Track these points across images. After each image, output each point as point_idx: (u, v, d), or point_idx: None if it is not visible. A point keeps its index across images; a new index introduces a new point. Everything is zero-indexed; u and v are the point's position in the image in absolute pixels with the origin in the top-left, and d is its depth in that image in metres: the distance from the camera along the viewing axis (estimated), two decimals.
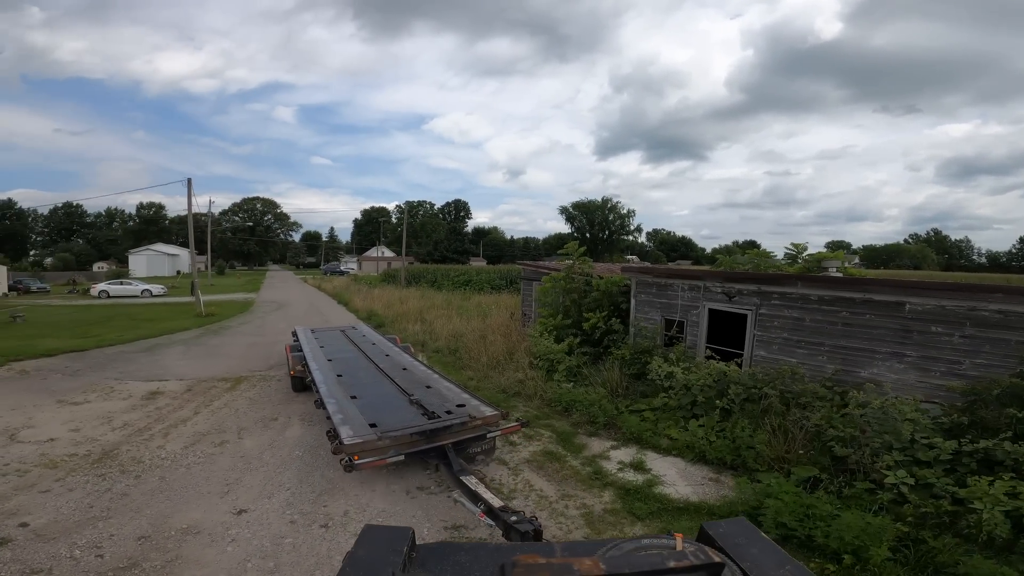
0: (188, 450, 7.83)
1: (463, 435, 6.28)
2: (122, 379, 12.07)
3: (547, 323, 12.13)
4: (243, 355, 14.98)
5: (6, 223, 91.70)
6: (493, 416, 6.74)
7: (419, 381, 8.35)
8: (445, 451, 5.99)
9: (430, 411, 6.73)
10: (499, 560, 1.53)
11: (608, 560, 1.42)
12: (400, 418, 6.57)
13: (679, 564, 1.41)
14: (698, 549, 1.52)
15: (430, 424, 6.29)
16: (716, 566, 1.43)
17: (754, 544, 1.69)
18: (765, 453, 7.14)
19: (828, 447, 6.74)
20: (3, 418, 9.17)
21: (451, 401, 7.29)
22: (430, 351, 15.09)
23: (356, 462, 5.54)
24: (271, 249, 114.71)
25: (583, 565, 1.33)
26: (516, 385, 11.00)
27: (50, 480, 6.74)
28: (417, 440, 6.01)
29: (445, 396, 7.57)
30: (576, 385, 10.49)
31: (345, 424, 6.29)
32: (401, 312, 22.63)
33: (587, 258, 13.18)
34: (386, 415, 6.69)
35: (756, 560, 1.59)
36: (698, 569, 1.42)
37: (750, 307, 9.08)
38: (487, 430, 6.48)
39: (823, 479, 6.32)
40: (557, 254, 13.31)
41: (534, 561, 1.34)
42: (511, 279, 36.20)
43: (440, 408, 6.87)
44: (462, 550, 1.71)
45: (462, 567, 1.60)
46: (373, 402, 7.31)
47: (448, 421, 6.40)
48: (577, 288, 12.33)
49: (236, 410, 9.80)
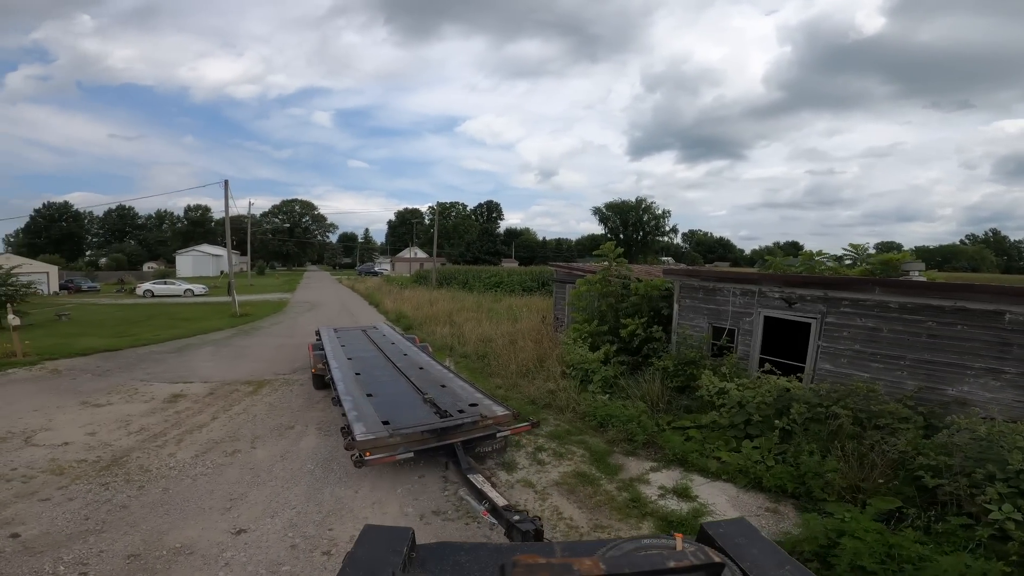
0: (198, 459, 7.45)
1: (473, 434, 6.25)
2: (148, 380, 11.95)
3: (581, 329, 11.29)
4: (270, 357, 14.75)
5: (63, 225, 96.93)
6: (504, 416, 6.67)
7: (434, 380, 8.33)
8: (455, 449, 5.97)
9: (442, 410, 6.70)
10: (499, 560, 1.53)
11: (608, 560, 1.40)
12: (413, 416, 6.57)
13: (679, 564, 1.40)
14: (698, 549, 1.51)
15: (441, 423, 6.28)
16: (716, 566, 1.42)
17: (754, 544, 1.66)
18: (836, 481, 6.18)
19: (915, 476, 5.76)
20: (23, 419, 9.05)
21: (464, 400, 7.25)
22: (457, 356, 14.47)
23: (366, 458, 5.65)
24: (309, 250, 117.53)
25: (583, 565, 1.31)
26: (547, 396, 10.21)
27: (53, 488, 6.48)
28: (428, 438, 6.03)
29: (458, 395, 7.54)
30: (612, 398, 9.63)
31: (359, 421, 6.34)
32: (430, 314, 22.17)
33: (624, 260, 12.27)
34: (399, 413, 6.70)
35: (756, 560, 1.57)
36: (698, 569, 1.41)
37: (814, 315, 8.02)
38: (497, 429, 6.42)
39: (909, 513, 5.43)
40: (592, 255, 12.43)
41: (534, 561, 1.32)
42: (543, 281, 35.32)
43: (452, 407, 6.83)
44: (462, 550, 1.69)
45: (462, 567, 1.59)
46: (388, 400, 7.34)
47: (459, 420, 6.37)
48: (614, 292, 11.44)
49: (254, 416, 9.41)
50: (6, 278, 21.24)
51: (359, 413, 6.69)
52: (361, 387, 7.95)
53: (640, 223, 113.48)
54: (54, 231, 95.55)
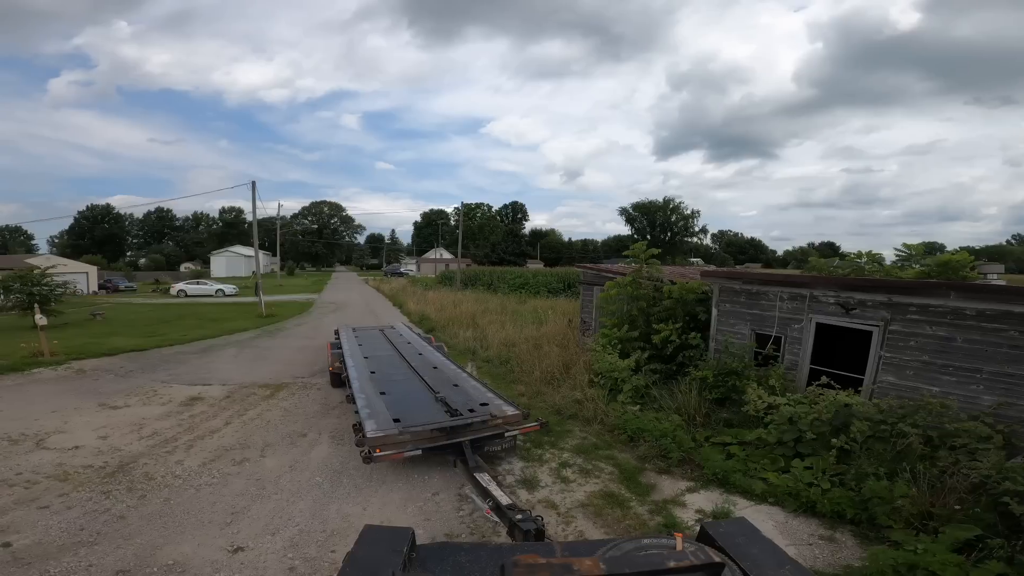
0: (205, 468, 7.14)
1: (482, 433, 6.24)
2: (168, 382, 11.83)
3: (610, 335, 10.60)
4: (290, 359, 14.54)
5: (105, 226, 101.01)
6: (514, 416, 6.64)
7: (447, 380, 8.35)
8: (463, 448, 5.96)
9: (453, 409, 6.70)
10: (499, 560, 1.53)
11: (608, 560, 1.39)
12: (424, 414, 6.60)
13: (679, 564, 1.39)
14: (698, 549, 1.52)
15: (451, 421, 6.29)
16: (716, 566, 1.41)
17: (754, 544, 1.66)
18: (904, 507, 5.43)
19: (998, 502, 5.00)
20: (39, 421, 8.94)
21: (475, 400, 7.23)
22: (480, 360, 13.94)
23: (375, 455, 5.71)
24: (337, 251, 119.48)
25: (583, 565, 1.32)
26: (573, 406, 9.58)
27: (54, 495, 6.27)
28: (437, 436, 6.05)
29: (470, 395, 7.52)
30: (643, 409, 8.94)
31: (371, 418, 6.39)
32: (453, 316, 21.75)
33: (656, 261, 11.54)
34: (411, 411, 6.73)
35: (756, 560, 1.56)
36: (698, 569, 1.39)
37: (876, 322, 7.17)
38: (506, 429, 6.40)
39: (991, 544, 4.71)
40: (623, 256, 11.72)
41: (534, 561, 1.32)
42: (569, 282, 34.56)
43: (463, 406, 6.83)
44: (462, 550, 1.70)
45: (462, 567, 1.59)
46: (400, 398, 7.38)
47: (469, 419, 6.36)
48: (645, 295, 10.72)
49: (268, 422, 9.08)
50: (40, 278, 21.77)
51: (371, 410, 6.72)
52: (375, 385, 7.99)
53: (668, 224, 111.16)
54: (97, 232, 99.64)
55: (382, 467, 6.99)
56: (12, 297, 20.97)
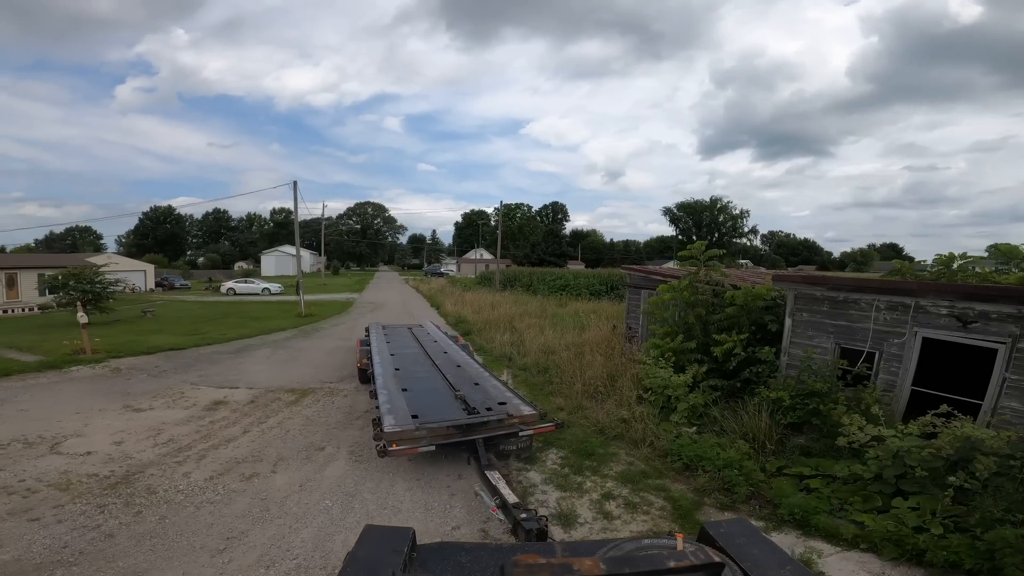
0: (211, 482, 6.58)
1: (496, 431, 6.22)
2: (197, 384, 11.52)
3: (662, 345, 9.41)
4: (321, 362, 14.08)
5: (167, 227, 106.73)
6: (530, 416, 6.58)
7: (469, 378, 8.34)
8: (476, 445, 5.92)
9: (471, 407, 6.68)
10: (499, 560, 1.53)
11: (608, 560, 1.38)
12: (442, 411, 6.62)
13: (679, 564, 1.38)
14: (698, 549, 1.50)
15: (467, 419, 6.27)
16: (716, 566, 1.40)
17: (755, 544, 1.65)
18: None
19: None
20: (61, 422, 8.69)
21: (494, 398, 7.22)
22: (516, 368, 12.99)
23: (390, 449, 5.77)
24: (380, 251, 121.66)
25: (583, 565, 1.30)
26: (618, 425, 8.48)
27: (49, 506, 5.87)
28: (453, 433, 6.06)
29: (489, 393, 7.51)
30: (701, 431, 7.77)
31: (390, 414, 6.42)
32: (491, 319, 20.90)
33: (717, 263, 10.26)
34: (429, 408, 6.75)
35: (757, 560, 1.55)
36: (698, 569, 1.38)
37: (1002, 338, 5.75)
38: (520, 428, 6.36)
39: None
40: (678, 257, 10.48)
41: (534, 561, 1.31)
42: (612, 284, 33.12)
43: (481, 404, 6.81)
44: (463, 550, 1.69)
45: (463, 567, 1.59)
46: (421, 395, 7.41)
47: (485, 417, 6.35)
48: (703, 301, 9.48)
49: (287, 431, 8.48)
50: (93, 276, 22.50)
51: (391, 406, 6.76)
52: (399, 382, 8.04)
53: (715, 224, 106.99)
54: (159, 232, 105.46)
55: (398, 493, 6.29)
56: (66, 294, 21.70)
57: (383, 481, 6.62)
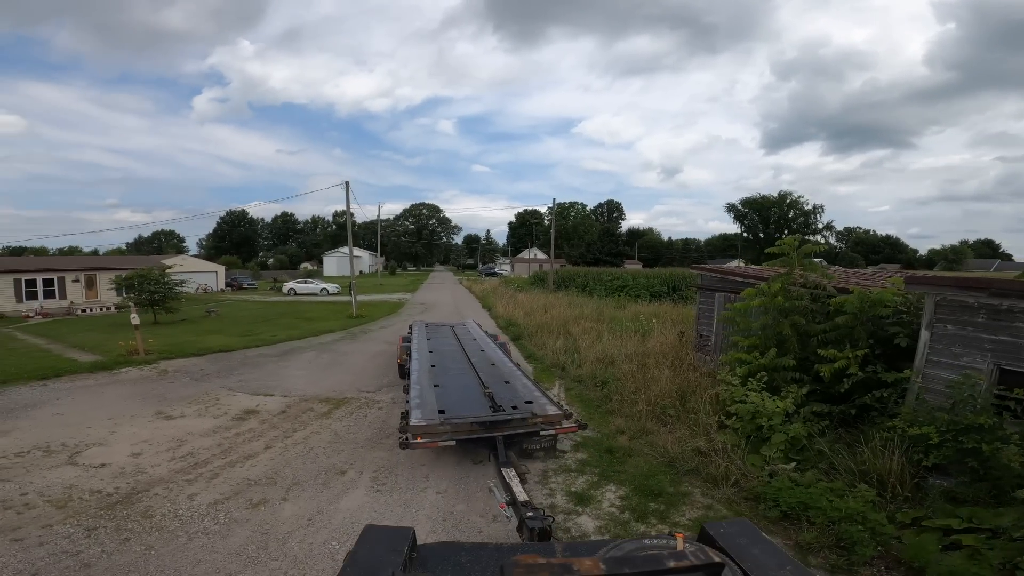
0: (215, 508, 5.83)
1: (518, 429, 6.24)
2: (234, 390, 11.03)
3: (749, 361, 7.74)
4: (362, 368, 13.35)
5: (241, 229, 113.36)
6: (555, 416, 6.50)
7: (501, 376, 8.35)
8: (496, 442, 5.89)
9: (497, 404, 6.68)
10: (499, 560, 1.52)
11: (608, 560, 1.37)
12: (469, 407, 6.63)
13: (679, 564, 1.37)
14: (698, 549, 1.49)
15: (492, 416, 6.29)
16: (716, 566, 1.40)
17: (755, 544, 1.64)
18: None
19: None
20: (89, 430, 8.34)
21: (522, 397, 7.16)
22: (570, 379, 11.61)
23: (412, 442, 5.82)
24: (435, 251, 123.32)
25: (583, 565, 1.30)
26: (692, 457, 6.96)
27: (38, 525, 5.37)
28: (476, 429, 6.08)
29: (518, 392, 7.43)
30: (801, 468, 6.17)
31: (418, 408, 6.49)
32: (543, 322, 19.55)
33: (817, 262, 8.47)
34: (457, 403, 6.79)
35: (757, 560, 1.54)
36: (698, 569, 1.38)
37: None
38: (542, 427, 6.33)
39: None
40: (766, 254, 8.67)
41: (534, 561, 1.31)
42: (674, 285, 30.82)
43: (508, 402, 6.80)
44: (463, 550, 1.69)
45: (463, 567, 1.59)
46: (451, 391, 7.43)
47: (509, 415, 6.35)
48: (801, 308, 7.74)
49: (310, 448, 7.63)
50: (160, 277, 23.25)
51: (421, 401, 6.82)
52: (432, 378, 8.09)
53: (785, 220, 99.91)
54: (235, 235, 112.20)
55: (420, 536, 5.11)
56: (134, 295, 22.52)
57: (403, 520, 5.59)
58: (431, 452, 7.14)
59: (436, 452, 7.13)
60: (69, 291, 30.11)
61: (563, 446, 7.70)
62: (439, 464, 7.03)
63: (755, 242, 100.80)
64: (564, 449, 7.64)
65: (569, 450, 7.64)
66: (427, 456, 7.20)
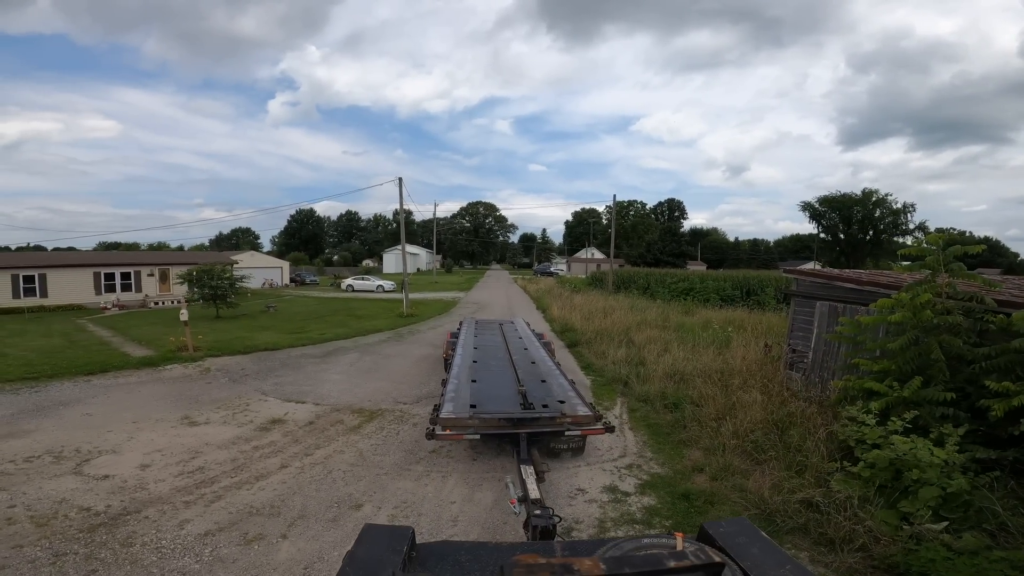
0: (202, 541, 5.01)
1: (543, 428, 6.13)
2: (267, 395, 10.35)
3: (887, 394, 5.86)
4: (403, 374, 12.39)
5: (309, 227, 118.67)
6: (585, 417, 6.32)
7: (539, 375, 8.26)
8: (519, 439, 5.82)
9: (528, 402, 6.60)
10: (499, 560, 1.53)
11: (608, 560, 1.35)
12: (500, 404, 6.61)
13: (679, 564, 1.37)
14: (698, 549, 1.48)
15: (520, 413, 6.25)
16: (716, 566, 1.40)
17: (754, 544, 1.64)
18: None
19: None
20: (110, 433, 7.89)
21: (555, 397, 7.01)
22: (634, 398, 9.96)
23: (438, 432, 5.95)
24: (491, 249, 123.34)
25: (583, 565, 1.28)
26: (798, 510, 5.29)
27: (9, 545, 4.81)
28: (503, 424, 6.05)
29: (552, 392, 7.27)
30: (957, 530, 4.44)
31: (451, 402, 6.57)
32: (603, 328, 17.80)
33: (969, 270, 6.47)
34: (490, 399, 6.78)
35: (756, 560, 1.55)
36: (698, 569, 1.38)
37: None
38: (568, 427, 6.19)
39: None
40: (900, 259, 6.69)
41: (534, 561, 1.28)
42: (748, 289, 28.00)
43: (540, 401, 6.71)
44: (463, 549, 1.68)
45: (462, 567, 1.58)
46: (487, 387, 7.42)
47: (537, 414, 6.26)
48: (955, 325, 5.79)
49: (329, 471, 6.63)
50: (222, 273, 23.72)
51: (456, 395, 6.89)
52: (471, 373, 8.16)
53: (870, 220, 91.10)
54: (303, 233, 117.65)
55: None
56: (197, 289, 23.09)
57: None
58: (465, 489, 6.09)
59: (471, 489, 6.08)
60: (144, 284, 31.79)
61: (626, 487, 6.26)
62: (471, 504, 5.80)
63: (834, 243, 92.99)
64: (627, 490, 6.20)
65: (634, 492, 6.17)
66: (460, 493, 6.01)
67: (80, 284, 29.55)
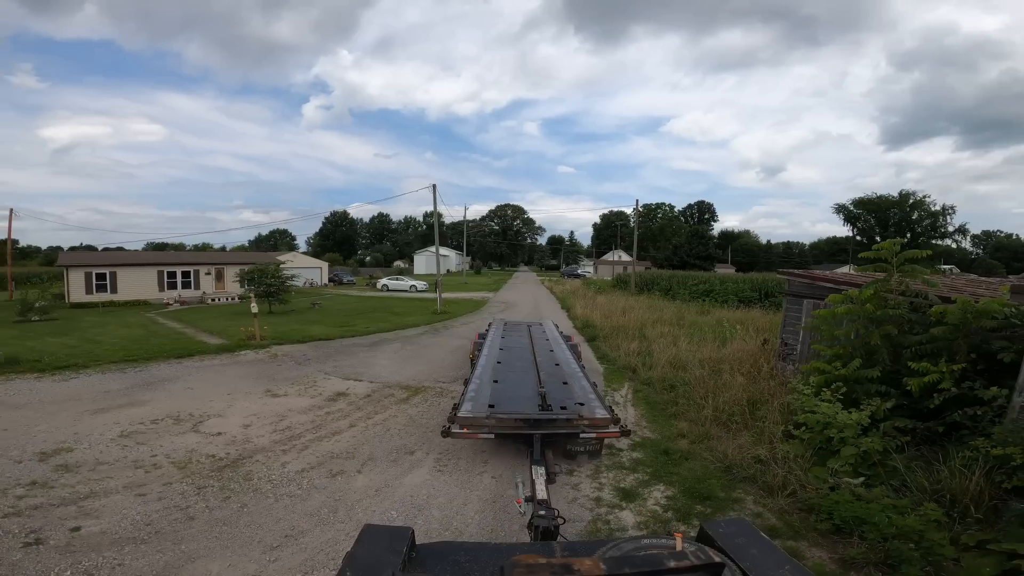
0: (300, 475, 6.74)
1: (558, 430, 6.26)
2: (329, 375, 12.31)
3: (828, 371, 7.31)
4: (440, 360, 14.22)
5: (343, 229, 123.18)
6: (602, 419, 6.42)
7: (561, 377, 8.29)
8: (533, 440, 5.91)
9: (547, 403, 6.71)
10: (499, 560, 1.52)
11: (608, 560, 1.36)
12: (518, 404, 6.70)
13: (679, 564, 1.38)
14: (698, 549, 1.50)
15: (537, 414, 6.34)
16: (716, 566, 1.41)
17: (754, 544, 1.66)
18: None
19: None
20: (212, 403, 9.79)
21: (575, 398, 7.11)
22: (639, 382, 11.53)
23: (453, 430, 6.07)
24: (520, 251, 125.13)
25: (583, 565, 1.29)
26: (751, 464, 6.76)
27: (161, 483, 6.48)
28: (519, 425, 6.18)
29: (573, 394, 7.36)
30: (869, 484, 5.81)
31: (470, 402, 6.67)
32: (619, 325, 19.39)
33: (920, 268, 7.79)
34: (509, 399, 6.87)
35: (756, 560, 1.56)
36: (698, 569, 1.39)
37: None
38: (583, 430, 6.28)
39: None
40: (858, 259, 8.10)
41: (534, 561, 1.29)
42: (767, 291, 28.85)
43: (558, 403, 6.81)
44: (463, 550, 1.68)
45: (462, 567, 1.58)
46: (508, 387, 7.52)
47: (554, 415, 6.38)
48: (896, 317, 7.16)
49: (387, 429, 8.45)
50: (275, 271, 26.18)
51: (476, 395, 7.00)
52: (493, 374, 8.24)
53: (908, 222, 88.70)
54: (337, 234, 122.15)
55: (467, 515, 5.86)
56: (253, 287, 25.60)
57: (456, 498, 6.16)
58: (493, 442, 7.53)
59: (499, 443, 7.39)
60: (202, 282, 34.82)
61: (620, 444, 7.80)
62: (499, 454, 7.45)
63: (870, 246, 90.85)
64: (621, 448, 7.74)
65: (626, 448, 7.72)
66: (489, 444, 7.66)
67: (146, 281, 32.71)
